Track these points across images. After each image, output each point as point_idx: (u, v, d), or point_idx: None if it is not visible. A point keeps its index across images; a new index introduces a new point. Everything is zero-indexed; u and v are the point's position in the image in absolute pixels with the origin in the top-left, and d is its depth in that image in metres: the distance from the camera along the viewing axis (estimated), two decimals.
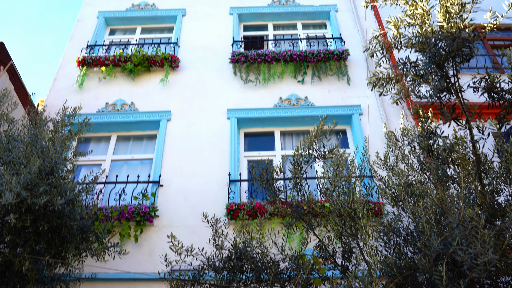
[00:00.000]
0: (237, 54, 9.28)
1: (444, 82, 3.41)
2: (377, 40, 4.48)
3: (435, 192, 3.84)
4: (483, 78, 3.48)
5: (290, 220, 4.82)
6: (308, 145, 4.70)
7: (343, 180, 4.84)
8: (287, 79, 9.16)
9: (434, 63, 3.43)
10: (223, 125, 8.35)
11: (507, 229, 3.34)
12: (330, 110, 8.46)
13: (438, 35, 3.47)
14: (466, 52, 3.61)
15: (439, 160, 3.78)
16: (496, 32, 10.45)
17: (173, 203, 7.16)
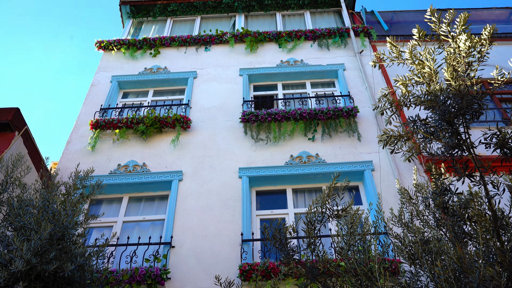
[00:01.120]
0: (248, 114, 9.42)
1: (455, 139, 3.40)
2: (386, 98, 4.53)
3: (452, 249, 3.74)
4: (494, 134, 3.47)
5: (305, 281, 4.69)
6: (322, 204, 4.64)
7: (358, 239, 4.75)
8: (297, 137, 9.22)
9: (444, 120, 3.45)
10: (234, 184, 8.34)
11: None
12: (341, 167, 8.44)
13: (447, 93, 3.50)
14: (475, 108, 3.62)
15: (455, 217, 3.70)
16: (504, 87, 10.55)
17: (185, 264, 7.03)
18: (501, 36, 12.24)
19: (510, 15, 13.54)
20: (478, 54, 3.84)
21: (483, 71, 10.42)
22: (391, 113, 4.46)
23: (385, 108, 4.52)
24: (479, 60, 3.87)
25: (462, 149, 3.49)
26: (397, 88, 4.47)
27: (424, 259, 4.29)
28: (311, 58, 11.51)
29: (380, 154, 8.63)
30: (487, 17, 13.60)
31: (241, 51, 11.94)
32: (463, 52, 3.61)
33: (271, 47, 12.07)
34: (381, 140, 3.96)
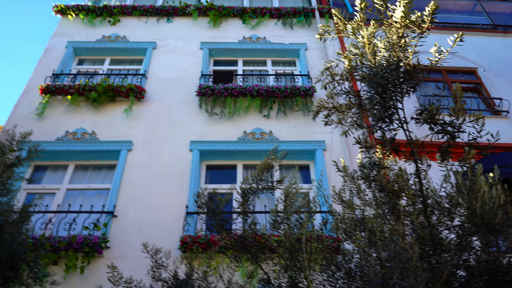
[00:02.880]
0: (204, 87, 9.26)
1: (385, 112, 3.37)
2: (328, 71, 4.46)
3: (377, 225, 3.74)
4: (425, 110, 3.45)
5: (235, 253, 4.64)
6: (257, 176, 4.57)
7: (292, 213, 4.71)
8: (252, 113, 9.13)
9: (376, 93, 3.40)
10: (185, 157, 8.21)
11: (444, 263, 3.24)
12: (294, 145, 8.41)
13: (380, 65, 3.45)
14: (409, 82, 3.59)
15: (384, 192, 3.70)
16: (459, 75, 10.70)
17: (127, 234, 6.90)
18: (464, 26, 12.37)
19: (474, 6, 13.70)
20: (419, 30, 3.79)
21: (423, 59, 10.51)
22: (333, 86, 4.41)
23: (329, 82, 4.46)
24: (419, 36, 3.83)
25: (391, 122, 3.46)
26: (339, 62, 4.40)
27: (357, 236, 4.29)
28: (274, 36, 11.38)
29: (333, 135, 8.63)
30: (452, 7, 13.72)
31: (204, 25, 11.71)
32: (398, 24, 3.56)
33: (235, 23, 11.87)
34: (313, 110, 3.89)
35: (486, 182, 4.12)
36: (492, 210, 3.98)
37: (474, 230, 3.84)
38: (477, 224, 3.75)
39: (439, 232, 3.89)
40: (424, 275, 2.67)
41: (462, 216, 3.83)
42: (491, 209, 3.96)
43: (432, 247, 3.61)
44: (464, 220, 3.75)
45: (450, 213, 3.87)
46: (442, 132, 3.44)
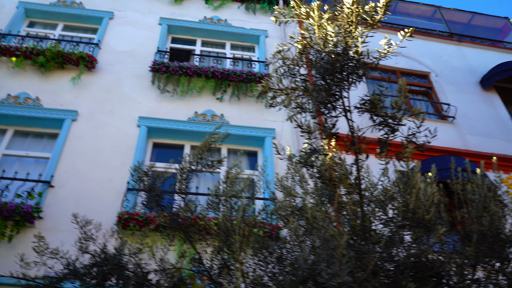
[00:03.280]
0: (158, 63, 9.03)
1: (328, 97, 3.35)
2: (280, 55, 4.41)
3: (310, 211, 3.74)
4: (368, 101, 3.46)
5: (169, 231, 4.55)
6: (197, 155, 4.48)
7: (231, 196, 4.65)
8: (206, 95, 9.00)
9: (322, 77, 3.38)
10: (132, 132, 8.00)
11: (370, 253, 3.27)
12: (244, 131, 8.35)
13: (327, 49, 3.43)
14: (356, 70, 3.59)
15: (321, 179, 3.70)
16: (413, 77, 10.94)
17: (63, 206, 6.66)
18: (422, 31, 12.64)
19: (435, 13, 14.01)
20: (371, 21, 3.78)
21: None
22: (283, 71, 4.35)
23: (280, 66, 4.41)
24: (372, 27, 3.81)
25: (334, 108, 3.44)
26: (292, 46, 4.35)
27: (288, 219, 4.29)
28: (235, 20, 11.23)
29: (284, 124, 8.63)
30: (413, 11, 13.99)
31: (165, 0, 11.40)
32: (348, 9, 3.53)
33: (197, 2, 11.62)
34: (257, 89, 3.84)
35: (422, 180, 4.21)
36: (425, 207, 4.07)
37: (405, 224, 3.91)
38: (408, 219, 3.82)
39: (371, 223, 3.93)
40: (349, 264, 2.67)
41: (395, 210, 3.90)
42: (424, 206, 4.05)
43: (363, 237, 3.64)
44: (397, 213, 3.81)
45: (384, 206, 3.92)
46: (383, 124, 3.46)
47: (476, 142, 9.48)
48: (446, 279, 3.97)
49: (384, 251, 3.78)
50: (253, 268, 4.09)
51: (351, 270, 2.88)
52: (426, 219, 3.88)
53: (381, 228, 4.01)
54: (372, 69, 10.75)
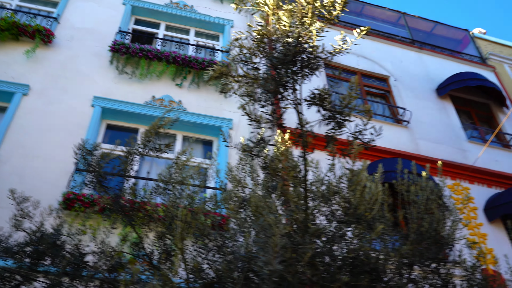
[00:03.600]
0: (119, 44, 8.82)
1: (276, 86, 3.35)
2: (237, 43, 4.37)
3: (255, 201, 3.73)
4: (317, 94, 3.48)
5: (114, 215, 4.46)
6: (145, 138, 4.40)
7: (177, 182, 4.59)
8: (165, 79, 8.86)
9: (273, 67, 3.37)
10: (85, 112, 7.79)
11: (306, 245, 3.30)
12: (201, 119, 8.28)
13: (280, 39, 3.42)
14: (312, 66, 3.60)
15: (266, 170, 3.70)
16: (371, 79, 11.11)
17: (5, 182, 6.41)
18: (385, 35, 12.86)
19: (399, 19, 14.28)
20: (328, 16, 3.79)
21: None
22: (240, 59, 4.32)
23: (238, 54, 4.38)
24: (329, 22, 3.83)
25: (283, 98, 3.44)
26: (249, 34, 4.32)
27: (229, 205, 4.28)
28: (202, 7, 11.09)
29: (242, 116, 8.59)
30: (378, 15, 14.20)
31: None
32: (304, 1, 3.53)
33: None
34: (207, 74, 3.80)
35: (368, 178, 4.28)
36: (368, 205, 4.14)
37: (346, 220, 3.97)
38: (350, 215, 3.88)
39: (315, 217, 3.97)
40: (281, 252, 2.68)
41: (337, 205, 3.95)
42: (367, 203, 4.12)
43: (304, 230, 3.67)
44: (337, 208, 3.86)
45: (327, 201, 3.96)
46: (331, 118, 3.49)
47: (427, 147, 9.75)
48: (382, 276, 4.06)
49: (324, 245, 3.83)
50: (193, 255, 4.07)
51: (284, 259, 2.90)
52: (366, 216, 3.95)
53: (323, 223, 4.06)
54: (334, 68, 10.86)
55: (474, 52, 13.99)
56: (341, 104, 3.41)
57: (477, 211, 8.98)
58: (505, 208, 8.75)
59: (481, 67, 13.03)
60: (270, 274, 2.66)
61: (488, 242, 8.49)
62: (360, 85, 10.90)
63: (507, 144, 11.03)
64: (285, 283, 3.12)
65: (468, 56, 13.58)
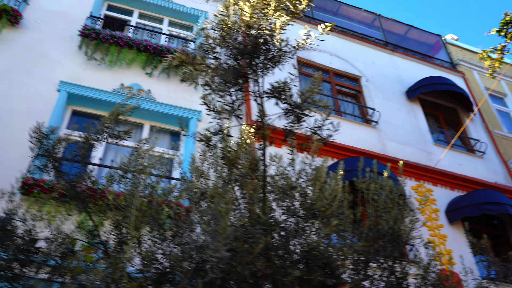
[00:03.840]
0: (89, 29, 8.65)
1: (235, 77, 3.33)
2: (203, 32, 4.33)
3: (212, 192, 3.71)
4: (278, 88, 3.47)
5: (75, 202, 4.37)
6: (103, 124, 4.32)
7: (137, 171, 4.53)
8: (135, 68, 8.74)
9: (233, 57, 3.35)
10: (50, 96, 7.62)
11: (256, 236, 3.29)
12: (169, 109, 8.20)
13: (239, 28, 3.40)
14: (274, 59, 3.59)
15: (223, 160, 3.68)
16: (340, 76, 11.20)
17: None
18: (359, 36, 12.97)
19: (374, 20, 14.42)
20: (293, 9, 3.79)
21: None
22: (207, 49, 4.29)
23: (203, 43, 4.34)
24: (294, 16, 3.82)
25: (241, 89, 3.42)
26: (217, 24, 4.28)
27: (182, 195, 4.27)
28: None
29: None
30: (354, 16, 14.31)
31: None
32: None
33: None
34: (166, 61, 3.76)
35: (327, 175, 4.30)
36: (327, 200, 4.16)
37: (302, 215, 3.98)
38: (306, 209, 3.89)
39: (272, 210, 3.97)
40: (229, 241, 2.67)
41: (295, 199, 3.96)
42: (325, 199, 4.14)
43: (259, 222, 3.66)
44: (294, 203, 3.87)
45: (285, 195, 3.97)
46: (291, 112, 3.49)
47: (394, 148, 9.89)
48: (337, 271, 4.08)
49: (280, 239, 3.84)
50: (148, 244, 4.02)
51: (233, 248, 2.88)
52: (323, 212, 3.97)
53: (280, 216, 4.07)
54: (306, 66, 10.88)
55: (445, 58, 14.25)
56: (300, 98, 3.41)
57: (439, 212, 9.17)
58: (465, 211, 8.95)
59: (451, 73, 13.28)
60: (218, 261, 2.65)
61: (447, 244, 8.67)
62: (331, 83, 10.98)
63: (471, 149, 11.28)
64: (235, 274, 3.11)
65: (439, 61, 13.82)
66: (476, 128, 11.84)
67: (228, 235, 2.61)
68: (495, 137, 11.87)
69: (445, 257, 8.32)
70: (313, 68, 11.09)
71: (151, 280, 3.69)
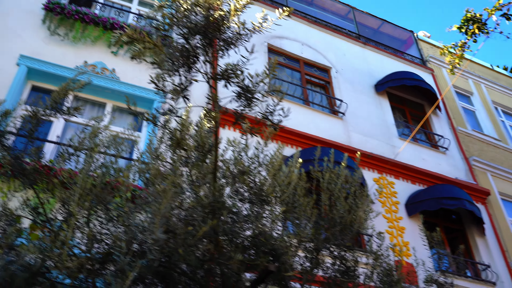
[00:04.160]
0: (54, 3, 8.38)
1: (183, 57, 3.26)
2: (160, 11, 4.24)
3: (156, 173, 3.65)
4: (229, 70, 3.41)
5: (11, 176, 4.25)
6: (53, 99, 4.20)
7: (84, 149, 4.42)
8: (100, 46, 8.52)
9: (182, 36, 3.28)
10: (9, 70, 7.38)
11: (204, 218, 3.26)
12: (133, 89, 8.05)
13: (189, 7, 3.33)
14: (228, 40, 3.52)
15: (171, 141, 3.62)
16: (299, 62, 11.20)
17: None
18: (332, 27, 12.96)
19: (348, 13, 14.43)
20: None
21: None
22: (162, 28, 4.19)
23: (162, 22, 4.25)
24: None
25: (190, 69, 3.36)
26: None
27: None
28: None
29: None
30: (328, 7, 14.28)
31: None
32: None
33: None
34: (114, 36, 3.66)
35: (284, 162, 4.29)
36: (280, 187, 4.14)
37: (252, 200, 3.96)
38: (255, 194, 3.87)
39: (222, 195, 3.93)
40: (165, 222, 2.62)
41: (245, 184, 3.93)
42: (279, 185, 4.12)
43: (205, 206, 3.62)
44: (244, 187, 3.84)
45: (235, 180, 3.94)
46: (242, 96, 3.44)
47: (359, 140, 9.97)
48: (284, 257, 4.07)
49: (226, 223, 3.80)
50: (94, 224, 3.94)
51: (171, 230, 2.85)
52: (273, 197, 3.95)
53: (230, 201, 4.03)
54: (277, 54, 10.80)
55: (416, 54, 14.40)
56: (251, 82, 3.37)
57: (399, 205, 9.31)
58: (424, 204, 9.12)
59: (420, 69, 13.43)
60: (154, 243, 2.60)
61: (405, 236, 8.82)
62: (300, 72, 10.97)
63: (435, 144, 11.47)
64: (176, 256, 3.07)
65: (410, 57, 13.96)
66: (441, 124, 12.04)
67: (164, 216, 2.56)
68: (459, 134, 12.10)
69: (402, 248, 8.46)
70: (284, 56, 11.04)
71: (95, 260, 3.62)
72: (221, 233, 3.71)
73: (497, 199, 10.98)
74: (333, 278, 4.90)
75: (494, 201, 10.83)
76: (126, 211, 3.70)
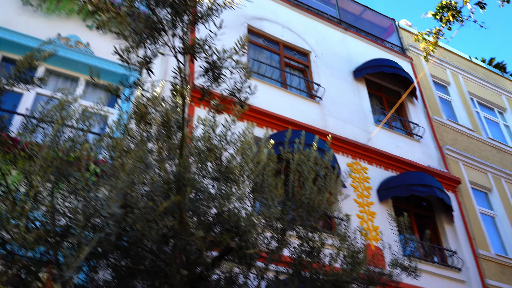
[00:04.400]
0: None
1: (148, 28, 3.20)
2: None
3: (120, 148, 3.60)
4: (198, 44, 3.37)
5: None
6: (16, 70, 4.09)
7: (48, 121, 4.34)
8: (75, 19, 8.33)
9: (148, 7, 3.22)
10: None
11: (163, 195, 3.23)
12: (108, 65, 7.90)
13: None
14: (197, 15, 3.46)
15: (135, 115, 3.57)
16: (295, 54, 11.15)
17: None
18: (313, 10, 12.89)
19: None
20: None
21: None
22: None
23: None
24: None
25: (155, 41, 3.30)
26: None
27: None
28: None
29: (155, 66, 8.31)
30: None
31: None
32: None
33: None
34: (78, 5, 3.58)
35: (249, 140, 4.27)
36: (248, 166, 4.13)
37: (218, 177, 3.95)
38: (220, 172, 3.85)
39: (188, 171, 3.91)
40: (119, 195, 2.59)
41: (211, 161, 3.91)
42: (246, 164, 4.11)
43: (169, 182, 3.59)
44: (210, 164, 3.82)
45: (201, 156, 3.91)
46: (207, 71, 3.40)
47: (335, 125, 10.01)
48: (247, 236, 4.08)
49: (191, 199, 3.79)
50: (55, 197, 3.89)
51: (128, 205, 2.82)
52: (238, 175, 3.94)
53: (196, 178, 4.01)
54: (257, 36, 10.68)
55: (397, 42, 14.44)
56: (218, 58, 3.33)
57: (371, 190, 9.41)
58: (395, 190, 9.24)
59: (400, 57, 13.49)
60: (109, 217, 2.57)
61: (375, 220, 8.94)
62: (279, 55, 10.92)
63: (410, 132, 11.59)
64: (135, 231, 3.05)
65: (390, 45, 14.00)
66: (417, 113, 12.15)
67: (121, 190, 2.53)
68: (434, 123, 12.24)
69: (372, 233, 8.59)
70: (264, 38, 10.97)
71: (55, 233, 3.58)
72: (185, 210, 3.70)
73: (468, 188, 11.19)
74: (299, 259, 4.94)
75: (464, 190, 11.04)
76: (87, 185, 3.66)
